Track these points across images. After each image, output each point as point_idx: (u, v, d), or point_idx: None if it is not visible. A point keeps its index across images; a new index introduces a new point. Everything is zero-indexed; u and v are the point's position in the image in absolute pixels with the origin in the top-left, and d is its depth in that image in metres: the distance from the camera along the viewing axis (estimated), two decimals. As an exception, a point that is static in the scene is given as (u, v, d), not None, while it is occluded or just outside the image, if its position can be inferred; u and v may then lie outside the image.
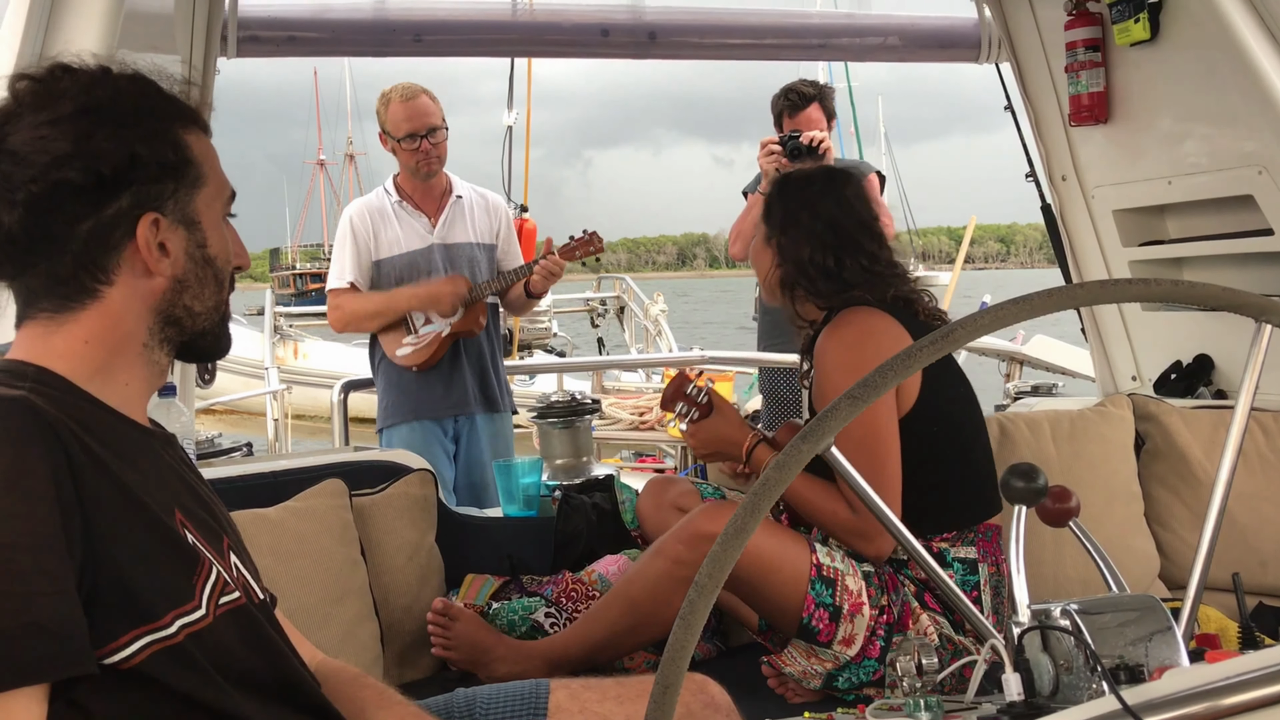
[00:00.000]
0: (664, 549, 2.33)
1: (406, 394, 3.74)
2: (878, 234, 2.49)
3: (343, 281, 3.72)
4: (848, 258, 2.41)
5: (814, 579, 2.24)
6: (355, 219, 3.74)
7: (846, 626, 2.23)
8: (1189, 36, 2.91)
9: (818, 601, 2.23)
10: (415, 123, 3.64)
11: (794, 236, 2.45)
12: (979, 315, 0.98)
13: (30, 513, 1.07)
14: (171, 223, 1.28)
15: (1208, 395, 3.20)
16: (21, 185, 1.19)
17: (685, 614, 0.87)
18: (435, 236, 3.74)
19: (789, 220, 2.47)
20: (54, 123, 1.21)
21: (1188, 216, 3.20)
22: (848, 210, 2.45)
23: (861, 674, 2.25)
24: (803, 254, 2.43)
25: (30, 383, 1.18)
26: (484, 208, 3.86)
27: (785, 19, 3.89)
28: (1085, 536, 1.26)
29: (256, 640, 1.31)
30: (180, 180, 1.29)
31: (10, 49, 2.19)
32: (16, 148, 1.20)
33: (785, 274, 2.47)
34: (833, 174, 2.55)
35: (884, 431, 2.27)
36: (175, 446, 1.40)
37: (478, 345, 3.78)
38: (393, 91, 3.70)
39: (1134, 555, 2.83)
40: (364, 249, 3.71)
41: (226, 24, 3.16)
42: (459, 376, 3.73)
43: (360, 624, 2.39)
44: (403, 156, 3.70)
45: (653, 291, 10.21)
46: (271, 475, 2.54)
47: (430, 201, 3.78)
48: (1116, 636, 1.04)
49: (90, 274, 1.24)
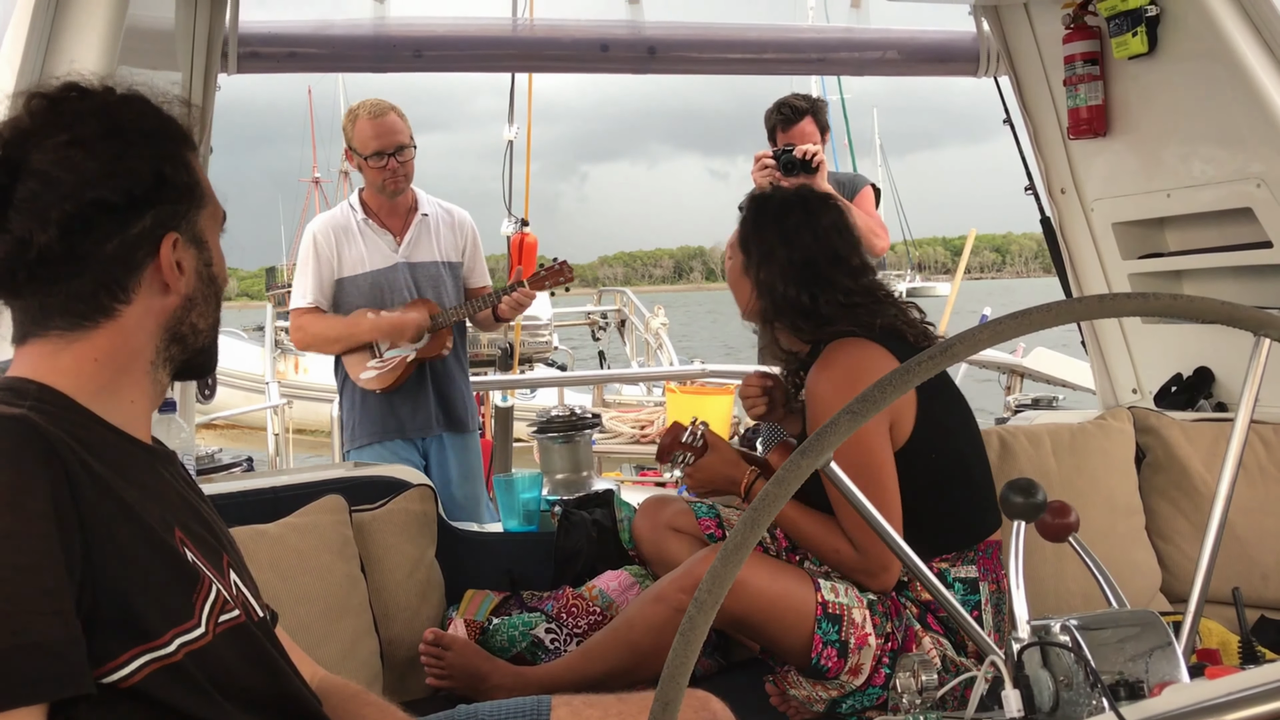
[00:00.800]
0: (665, 595, 2.31)
1: (371, 415, 3.71)
2: (855, 266, 2.42)
3: (304, 301, 3.69)
4: (823, 294, 2.36)
5: (820, 618, 2.22)
6: (319, 236, 3.70)
7: (854, 659, 2.22)
8: (1187, 50, 2.92)
9: (825, 640, 2.21)
10: (383, 140, 3.61)
11: (770, 272, 2.40)
12: (977, 330, 0.98)
13: (30, 532, 1.07)
14: (186, 242, 1.31)
15: (1208, 408, 3.19)
16: (55, 204, 1.20)
17: (685, 630, 0.87)
18: (400, 255, 3.71)
19: (765, 255, 2.42)
20: (79, 143, 1.22)
21: (1187, 229, 3.20)
22: (824, 243, 2.40)
23: (865, 700, 2.24)
24: (778, 290, 2.39)
25: (31, 401, 1.18)
26: (450, 225, 3.83)
27: (784, 33, 3.90)
28: (1085, 551, 1.25)
29: (256, 658, 1.31)
30: (191, 201, 1.32)
31: (11, 66, 2.19)
32: (44, 167, 1.20)
33: (764, 308, 2.44)
34: (808, 203, 2.47)
35: (879, 465, 2.24)
36: (176, 464, 1.40)
37: (442, 367, 3.75)
38: (360, 108, 3.67)
39: (1136, 569, 2.82)
40: (326, 267, 3.68)
41: (227, 40, 3.17)
42: (423, 399, 3.70)
43: (360, 640, 2.39)
44: (369, 174, 3.67)
45: (652, 305, 10.21)
46: (271, 491, 2.54)
47: (396, 219, 3.75)
48: (1116, 652, 1.04)
49: (110, 293, 1.26)
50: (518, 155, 5.78)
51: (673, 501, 2.63)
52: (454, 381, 3.79)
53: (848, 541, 2.26)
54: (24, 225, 1.19)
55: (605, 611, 2.59)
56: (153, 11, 2.78)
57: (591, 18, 3.68)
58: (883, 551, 2.22)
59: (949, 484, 2.33)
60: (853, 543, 2.25)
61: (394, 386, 3.66)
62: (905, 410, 2.28)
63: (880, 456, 2.25)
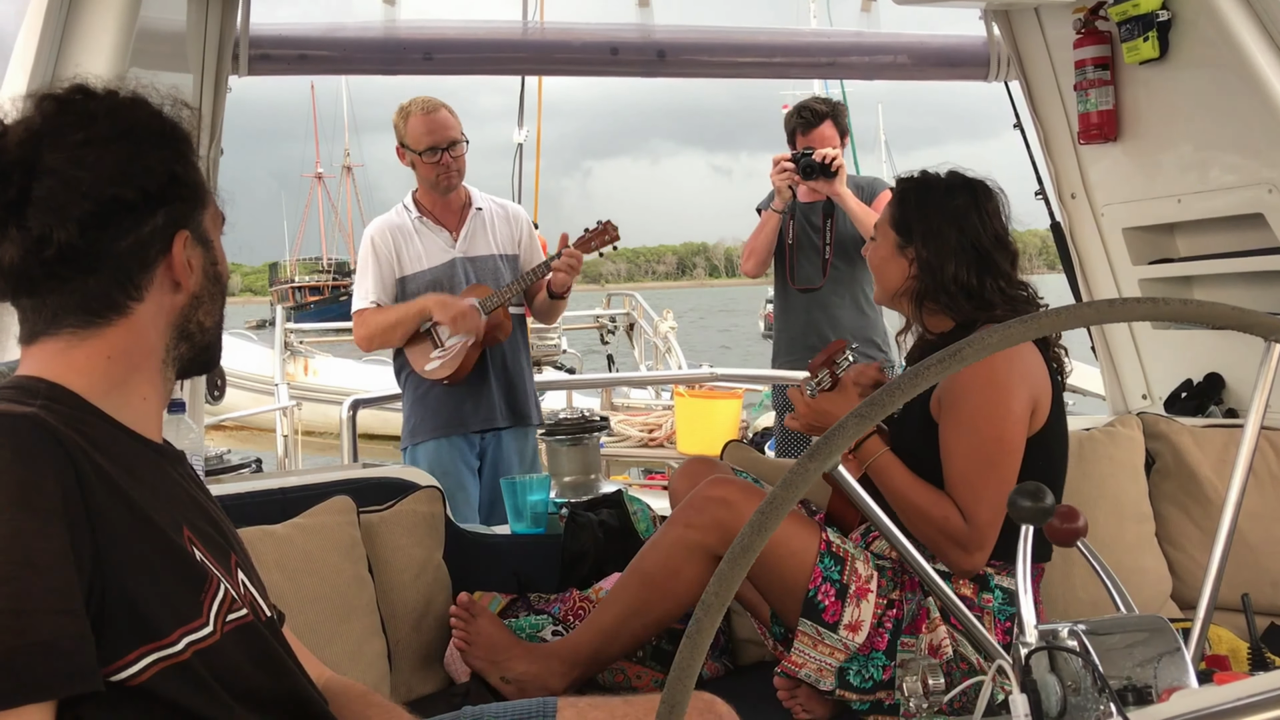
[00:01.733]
0: (674, 517, 2.36)
1: (432, 410, 3.73)
2: (1013, 253, 2.43)
3: (366, 302, 3.72)
4: (988, 278, 2.37)
5: (823, 553, 2.26)
6: (377, 238, 3.73)
7: (853, 609, 2.23)
8: (1198, 55, 2.91)
9: (825, 575, 2.24)
10: (436, 136, 3.64)
11: (937, 251, 2.38)
12: (987, 334, 0.98)
13: (40, 530, 1.07)
14: (194, 241, 1.33)
15: (1218, 414, 3.18)
16: (75, 202, 1.21)
17: (692, 633, 0.87)
18: (457, 250, 3.74)
19: (931, 233, 2.39)
20: (94, 143, 1.23)
21: (1198, 235, 3.19)
22: (989, 228, 2.40)
23: (871, 668, 2.24)
24: (947, 270, 2.37)
25: (42, 400, 1.19)
26: (504, 218, 3.86)
27: (794, 37, 3.90)
28: (1093, 556, 1.25)
29: (264, 658, 1.32)
30: (198, 200, 1.34)
31: (24, 68, 2.21)
32: (60, 167, 1.21)
33: (924, 287, 2.41)
34: (973, 186, 2.45)
35: (1015, 445, 2.25)
36: (184, 464, 1.41)
37: (505, 357, 3.76)
38: (412, 105, 3.70)
39: (1145, 575, 2.81)
40: (387, 267, 3.71)
41: (238, 42, 3.18)
42: (486, 390, 3.71)
43: (367, 641, 2.39)
44: (422, 170, 3.70)
45: (661, 307, 10.21)
46: (280, 492, 2.55)
47: (450, 215, 3.78)
48: (1125, 657, 1.04)
49: (124, 290, 1.27)
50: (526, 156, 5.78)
51: (717, 465, 2.61)
52: (518, 373, 3.81)
53: (959, 513, 2.25)
54: (43, 223, 1.20)
55: (612, 614, 2.59)
56: (164, 14, 2.79)
57: (601, 21, 3.68)
58: (987, 527, 2.23)
59: None
60: (963, 514, 2.24)
61: (460, 375, 3.66)
62: (1044, 400, 2.30)
63: (1016, 438, 2.26)
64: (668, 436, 6.39)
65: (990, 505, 2.23)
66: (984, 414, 2.25)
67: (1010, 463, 2.25)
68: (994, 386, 2.25)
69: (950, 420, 2.30)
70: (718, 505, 2.28)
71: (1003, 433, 2.25)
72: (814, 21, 24.61)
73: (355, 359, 14.23)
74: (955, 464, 2.27)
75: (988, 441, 2.25)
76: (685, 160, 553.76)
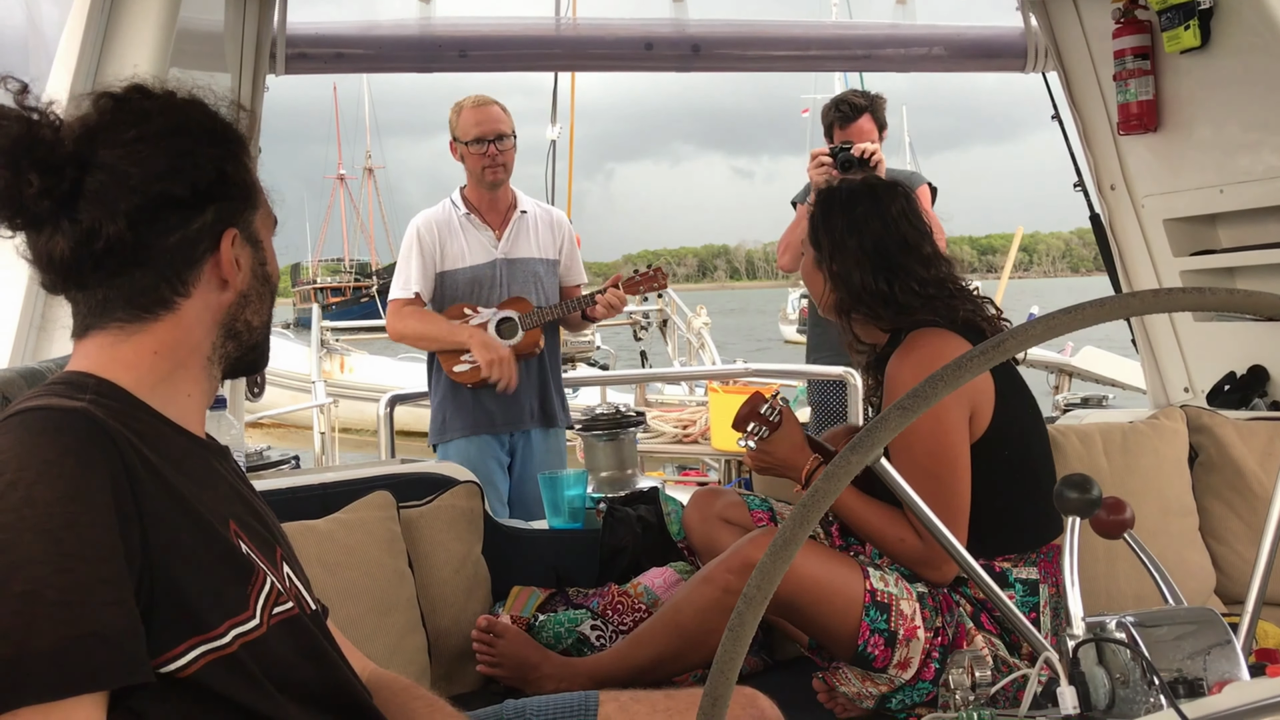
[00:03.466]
0: (713, 577, 2.31)
1: (463, 409, 3.76)
2: (926, 254, 2.41)
3: (408, 292, 3.74)
4: (898, 281, 2.36)
5: (868, 605, 2.21)
6: (422, 229, 3.77)
7: (902, 651, 2.21)
8: (1241, 43, 2.87)
9: (872, 628, 2.21)
10: (484, 127, 3.67)
11: (843, 263, 2.39)
12: (1030, 325, 0.97)
13: (91, 523, 1.08)
14: (243, 240, 1.34)
15: (1263, 406, 3.15)
16: (124, 196, 1.23)
17: (734, 625, 0.87)
18: (500, 251, 3.76)
19: (836, 246, 2.41)
20: (148, 139, 1.25)
21: (1240, 225, 3.15)
22: (893, 231, 2.39)
23: (915, 695, 2.23)
24: (854, 280, 2.38)
25: (91, 394, 1.21)
26: (548, 223, 3.89)
27: (830, 30, 3.89)
28: (1140, 548, 1.24)
29: (309, 650, 1.33)
30: (249, 201, 1.35)
31: (67, 67, 2.24)
32: (113, 161, 1.23)
33: (840, 299, 2.43)
34: (876, 192, 2.46)
35: (955, 456, 2.23)
36: (229, 459, 1.42)
37: (537, 362, 3.80)
38: (465, 101, 3.74)
39: (1189, 570, 2.78)
40: (429, 260, 3.74)
41: (275, 42, 3.20)
42: (517, 393, 3.73)
43: (407, 635, 2.40)
44: (470, 161, 3.72)
45: (695, 304, 10.19)
46: (320, 487, 2.56)
47: (496, 215, 3.81)
48: (1174, 650, 1.03)
49: (171, 285, 1.28)
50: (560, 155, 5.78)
51: (725, 493, 2.62)
52: (548, 377, 3.84)
53: (912, 531, 2.25)
54: (93, 216, 1.22)
55: (650, 608, 2.59)
56: (203, 14, 2.82)
57: (635, 16, 3.68)
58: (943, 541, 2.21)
59: (1018, 483, 2.31)
60: (918, 532, 2.24)
61: (486, 381, 3.69)
62: (984, 403, 2.27)
63: (957, 448, 2.24)
64: (702, 433, 6.37)
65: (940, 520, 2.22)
66: (918, 432, 2.21)
67: (954, 473, 2.22)
68: None
69: (892, 443, 2.28)
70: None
71: (939, 447, 2.21)
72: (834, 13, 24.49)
73: (391, 356, 14.32)
74: None
75: (925, 458, 2.22)
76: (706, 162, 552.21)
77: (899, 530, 2.26)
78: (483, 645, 2.45)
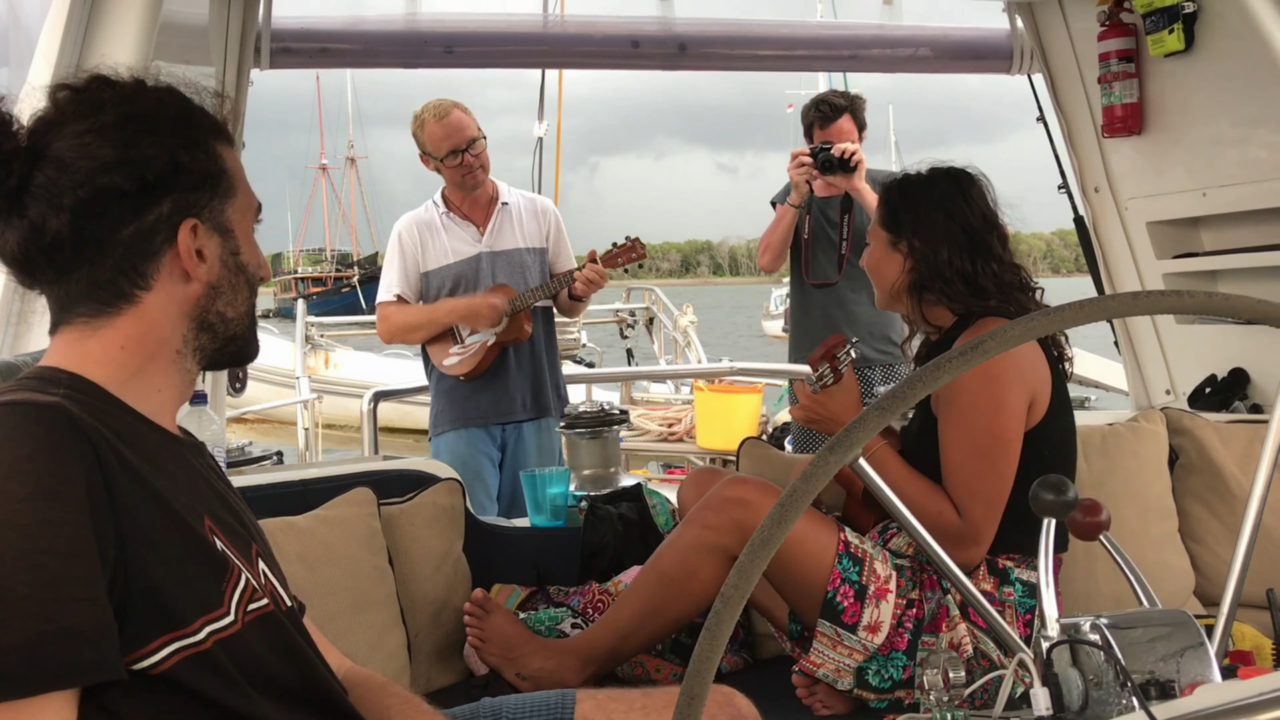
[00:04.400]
0: (692, 517, 2.34)
1: (454, 402, 3.79)
2: (1004, 236, 2.43)
3: (390, 295, 3.78)
4: (981, 262, 2.36)
5: (841, 554, 2.25)
6: (404, 233, 3.79)
7: (872, 610, 2.22)
8: (1224, 47, 2.88)
9: (844, 576, 2.23)
10: (453, 139, 3.68)
11: (929, 239, 2.38)
12: (1010, 326, 0.97)
13: (64, 519, 1.08)
14: (208, 230, 1.31)
15: (1243, 409, 3.16)
16: (69, 190, 1.21)
17: (711, 625, 0.86)
18: (483, 245, 3.78)
19: (921, 222, 2.40)
20: (98, 130, 1.23)
21: (1222, 229, 3.17)
22: (976, 211, 2.40)
23: (891, 668, 2.23)
24: (940, 257, 2.37)
25: (64, 389, 1.20)
26: (532, 212, 3.89)
27: (816, 30, 3.89)
28: (1116, 550, 1.24)
29: (284, 647, 1.32)
30: (215, 189, 1.32)
31: (48, 60, 2.22)
32: (61, 154, 1.22)
33: (919, 277, 2.41)
34: (955, 174, 2.47)
35: (1010, 439, 2.25)
36: (205, 454, 1.41)
37: (530, 351, 3.81)
38: (425, 112, 3.73)
39: (1169, 571, 2.79)
40: (411, 261, 3.77)
41: (260, 36, 3.19)
42: (509, 384, 3.76)
43: (387, 632, 2.40)
44: (448, 174, 3.74)
45: (679, 301, 10.19)
46: (301, 483, 2.56)
47: (478, 210, 3.82)
48: (1148, 652, 1.03)
49: (129, 279, 1.26)
50: (547, 151, 5.78)
51: (723, 473, 2.63)
52: (542, 366, 3.85)
53: (952, 505, 2.25)
54: (39, 211, 1.21)
55: (631, 607, 2.59)
56: (187, 7, 2.80)
57: (622, 13, 3.68)
58: (981, 522, 2.23)
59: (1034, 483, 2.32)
60: (957, 508, 2.24)
61: (477, 372, 3.74)
62: (1042, 395, 2.29)
63: (1013, 432, 2.25)
64: (687, 431, 6.37)
65: (985, 501, 2.23)
66: (979, 409, 2.24)
67: (1006, 458, 2.25)
68: (990, 381, 2.23)
69: (947, 415, 2.30)
70: (735, 505, 2.27)
71: (997, 428, 2.24)
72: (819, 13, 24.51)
73: (376, 352, 14.27)
74: (951, 459, 2.28)
75: (982, 437, 2.24)
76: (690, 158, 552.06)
77: (939, 503, 2.26)
78: (473, 620, 2.46)
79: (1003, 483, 2.24)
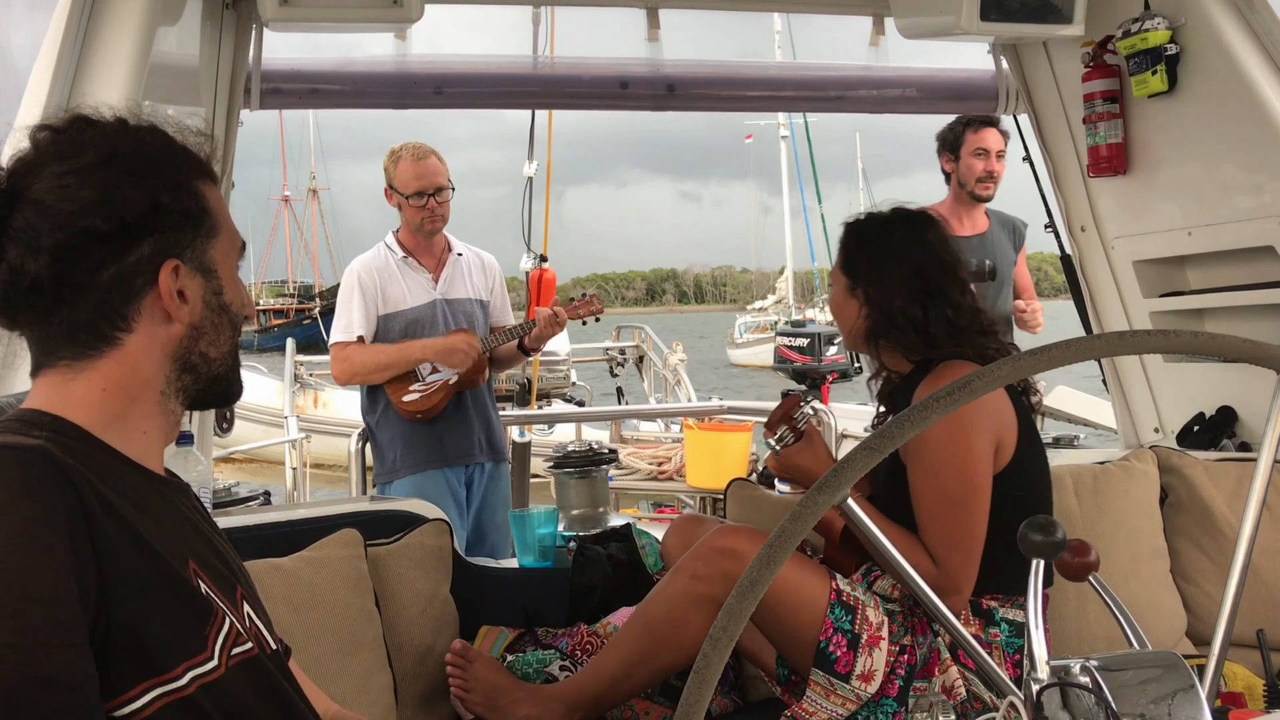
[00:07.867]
0: (680, 567, 2.33)
1: (414, 445, 3.83)
2: (960, 280, 2.44)
3: (350, 335, 3.81)
4: (933, 308, 2.37)
5: (833, 603, 2.23)
6: (363, 275, 3.84)
7: (865, 659, 2.20)
8: (1207, 88, 2.91)
9: (836, 626, 2.21)
10: (424, 181, 3.78)
11: (881, 286, 2.40)
12: (997, 366, 0.97)
13: (45, 564, 1.06)
14: (190, 270, 1.30)
15: (1231, 447, 3.16)
16: (47, 233, 1.20)
17: (700, 667, 0.86)
18: (438, 292, 3.88)
19: (874, 269, 2.42)
20: (77, 172, 1.22)
21: (1208, 267, 3.19)
22: (932, 256, 2.41)
23: (880, 715, 2.21)
24: (894, 305, 2.38)
25: (47, 432, 1.18)
26: (479, 267, 4.02)
27: (803, 71, 3.92)
28: (1105, 591, 1.23)
29: (269, 691, 1.30)
30: (198, 229, 1.31)
31: (37, 100, 2.22)
32: (40, 197, 1.21)
33: (873, 325, 2.43)
34: (912, 218, 2.48)
35: (980, 485, 2.25)
36: (190, 496, 1.40)
37: (480, 395, 3.92)
38: (403, 150, 3.83)
39: (1161, 612, 2.78)
40: (372, 304, 3.82)
41: (250, 76, 3.20)
42: (466, 425, 3.85)
43: (374, 675, 2.37)
44: (408, 213, 3.83)
45: (670, 340, 10.21)
46: (287, 524, 2.53)
47: (431, 258, 3.92)
48: (1138, 694, 1.02)
49: (110, 321, 1.25)
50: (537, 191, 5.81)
51: (705, 521, 2.62)
52: (488, 411, 3.97)
53: (928, 555, 2.24)
54: (18, 253, 1.21)
55: (621, 649, 2.57)
56: (177, 48, 2.81)
57: (611, 55, 3.70)
58: (959, 571, 2.22)
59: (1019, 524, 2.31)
60: (932, 557, 2.24)
61: (435, 411, 3.80)
62: (1008, 438, 2.29)
63: (982, 477, 2.25)
64: (677, 469, 6.36)
65: (961, 549, 2.23)
66: (946, 456, 2.24)
67: (976, 503, 2.24)
68: (956, 427, 2.23)
69: (915, 463, 2.30)
70: (725, 556, 2.25)
71: (966, 475, 2.23)
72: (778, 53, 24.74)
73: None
74: (924, 509, 2.27)
75: (953, 485, 2.24)
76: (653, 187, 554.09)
77: (915, 555, 2.25)
78: (455, 670, 2.43)
79: (977, 529, 2.24)
